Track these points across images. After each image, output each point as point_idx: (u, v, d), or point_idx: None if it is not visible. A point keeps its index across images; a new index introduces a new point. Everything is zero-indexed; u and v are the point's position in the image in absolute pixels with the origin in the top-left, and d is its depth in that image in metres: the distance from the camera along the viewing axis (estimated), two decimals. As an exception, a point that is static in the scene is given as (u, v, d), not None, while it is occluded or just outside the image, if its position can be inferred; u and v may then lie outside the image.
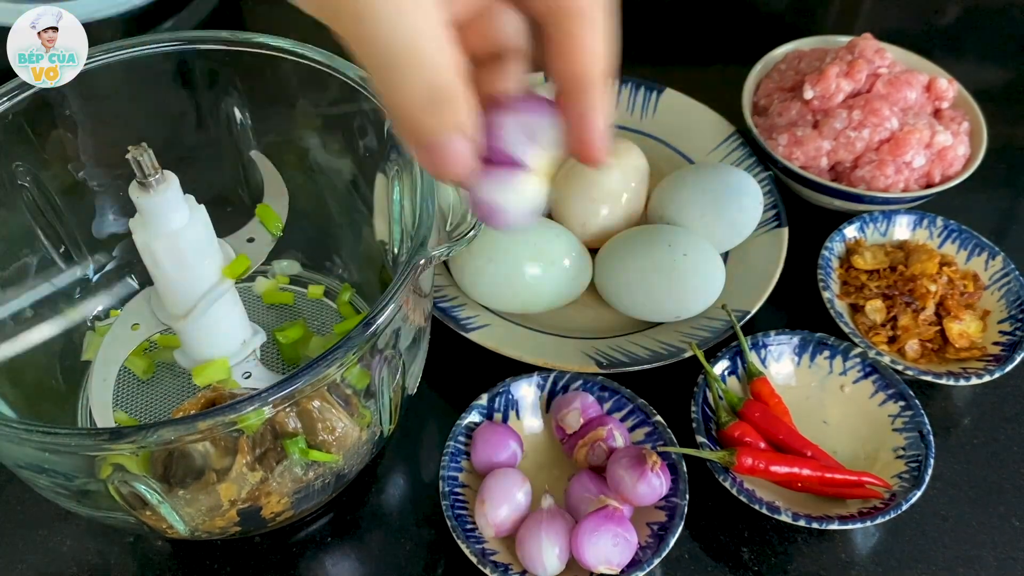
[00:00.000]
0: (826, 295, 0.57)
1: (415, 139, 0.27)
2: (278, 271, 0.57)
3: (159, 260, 0.43)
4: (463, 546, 0.45)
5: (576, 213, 0.60)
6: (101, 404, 0.45)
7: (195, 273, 0.44)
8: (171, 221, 0.42)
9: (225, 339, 0.47)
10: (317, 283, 0.57)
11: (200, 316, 0.44)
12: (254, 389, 0.40)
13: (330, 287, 0.57)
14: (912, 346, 0.56)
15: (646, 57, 0.82)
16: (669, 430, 0.50)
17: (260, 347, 0.51)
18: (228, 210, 0.53)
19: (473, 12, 0.29)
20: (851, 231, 0.61)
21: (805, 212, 0.65)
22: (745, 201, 0.58)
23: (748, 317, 0.56)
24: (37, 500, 0.48)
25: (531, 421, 0.52)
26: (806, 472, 0.48)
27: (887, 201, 0.62)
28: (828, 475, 0.48)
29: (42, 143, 0.48)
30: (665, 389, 0.54)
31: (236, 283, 0.47)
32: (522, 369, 0.53)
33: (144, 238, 0.42)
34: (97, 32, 0.73)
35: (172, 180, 0.41)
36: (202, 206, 0.43)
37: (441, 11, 0.25)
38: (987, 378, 0.54)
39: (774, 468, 0.48)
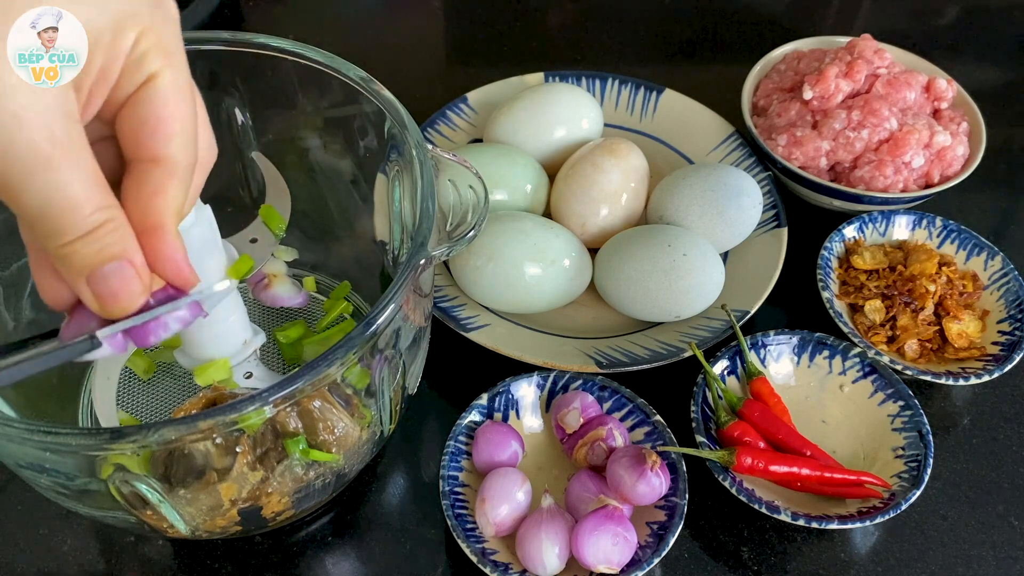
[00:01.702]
0: (825, 295, 0.57)
1: (78, 270, 0.28)
2: (277, 269, 0.57)
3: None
4: (463, 545, 0.45)
5: (576, 213, 0.60)
6: (105, 402, 0.45)
7: (200, 273, 0.44)
8: None
9: (227, 339, 0.47)
10: (317, 282, 0.58)
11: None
12: (255, 389, 0.40)
13: (330, 287, 0.58)
14: (911, 346, 0.56)
15: (646, 57, 0.83)
16: (669, 430, 0.50)
17: (260, 347, 0.51)
18: (229, 210, 0.53)
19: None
20: (850, 231, 0.61)
21: (804, 212, 0.66)
22: (744, 201, 0.58)
23: (747, 317, 0.56)
24: (38, 499, 0.48)
25: (531, 421, 0.52)
26: (805, 472, 0.48)
27: (886, 201, 0.62)
28: (827, 475, 0.48)
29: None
30: (665, 389, 0.54)
31: (238, 283, 0.47)
32: (522, 369, 0.53)
33: None
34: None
35: None
36: (207, 206, 0.43)
37: (85, 155, 0.27)
38: (986, 378, 0.54)
39: (773, 468, 0.48)
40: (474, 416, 0.50)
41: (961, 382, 0.54)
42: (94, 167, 0.28)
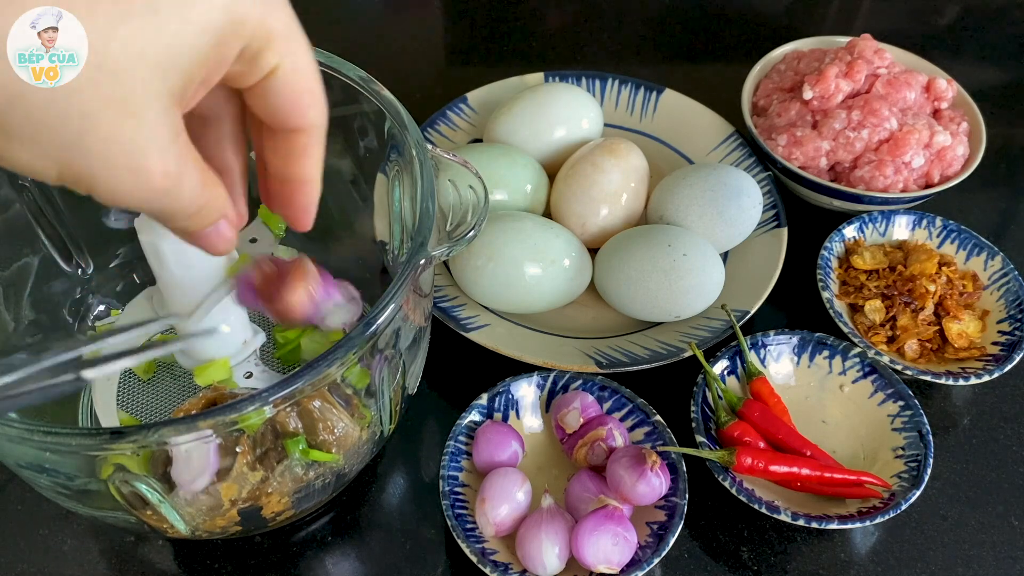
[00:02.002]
0: (825, 295, 0.57)
1: (187, 237, 0.31)
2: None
3: (165, 260, 0.43)
4: (463, 546, 0.45)
5: (576, 213, 0.60)
6: (105, 402, 0.45)
7: (200, 273, 0.44)
8: None
9: (226, 339, 0.47)
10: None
11: (204, 316, 0.44)
12: (255, 389, 0.40)
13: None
14: (911, 346, 0.56)
15: (646, 57, 0.83)
16: (669, 430, 0.50)
17: (260, 347, 0.51)
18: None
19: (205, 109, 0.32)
20: (850, 231, 0.61)
21: (804, 212, 0.66)
22: (744, 201, 0.58)
23: (747, 317, 0.56)
24: (38, 500, 0.48)
25: (531, 421, 0.52)
26: (805, 472, 0.48)
27: (886, 201, 0.62)
28: (827, 475, 0.48)
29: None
30: (665, 389, 0.54)
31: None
32: (522, 369, 0.53)
33: (150, 238, 0.42)
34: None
35: None
36: None
37: (193, 153, 0.28)
38: (986, 378, 0.54)
39: (773, 468, 0.48)
40: (474, 416, 0.50)
41: (961, 382, 0.54)
42: (201, 168, 0.29)
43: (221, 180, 0.31)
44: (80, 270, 0.53)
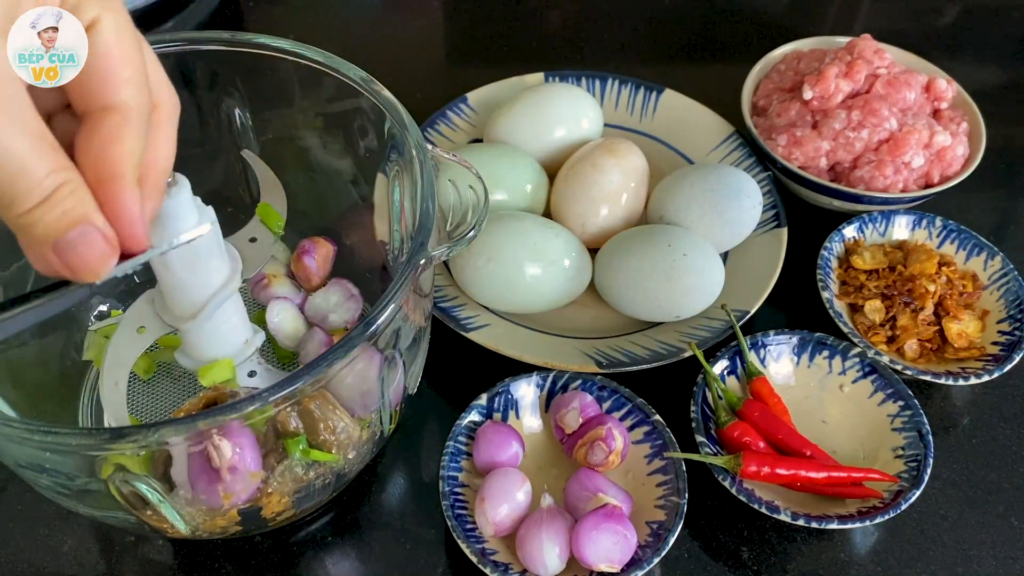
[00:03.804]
0: (825, 295, 0.57)
1: (41, 240, 0.26)
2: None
3: (169, 263, 0.42)
4: (463, 546, 0.45)
5: (576, 213, 0.60)
6: (115, 407, 0.45)
7: (204, 274, 0.44)
8: (183, 223, 0.41)
9: (229, 339, 0.47)
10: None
11: (208, 317, 0.44)
12: (255, 388, 0.40)
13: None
14: (911, 346, 0.56)
15: (646, 57, 0.83)
16: (668, 429, 0.50)
17: (260, 347, 0.51)
18: (228, 210, 0.53)
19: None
20: (850, 231, 0.61)
21: (804, 212, 0.66)
22: (744, 201, 0.58)
23: (747, 317, 0.56)
24: (38, 500, 0.48)
25: (530, 421, 0.52)
26: (812, 475, 0.48)
27: (886, 201, 0.62)
28: (835, 474, 0.48)
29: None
30: (664, 389, 0.54)
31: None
32: (522, 369, 0.53)
33: (155, 241, 0.42)
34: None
35: (184, 183, 0.41)
36: (210, 207, 0.43)
37: (29, 115, 0.25)
38: (986, 378, 0.54)
39: (779, 471, 0.48)
40: (473, 416, 0.50)
41: (961, 382, 0.54)
42: (41, 127, 0.26)
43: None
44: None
